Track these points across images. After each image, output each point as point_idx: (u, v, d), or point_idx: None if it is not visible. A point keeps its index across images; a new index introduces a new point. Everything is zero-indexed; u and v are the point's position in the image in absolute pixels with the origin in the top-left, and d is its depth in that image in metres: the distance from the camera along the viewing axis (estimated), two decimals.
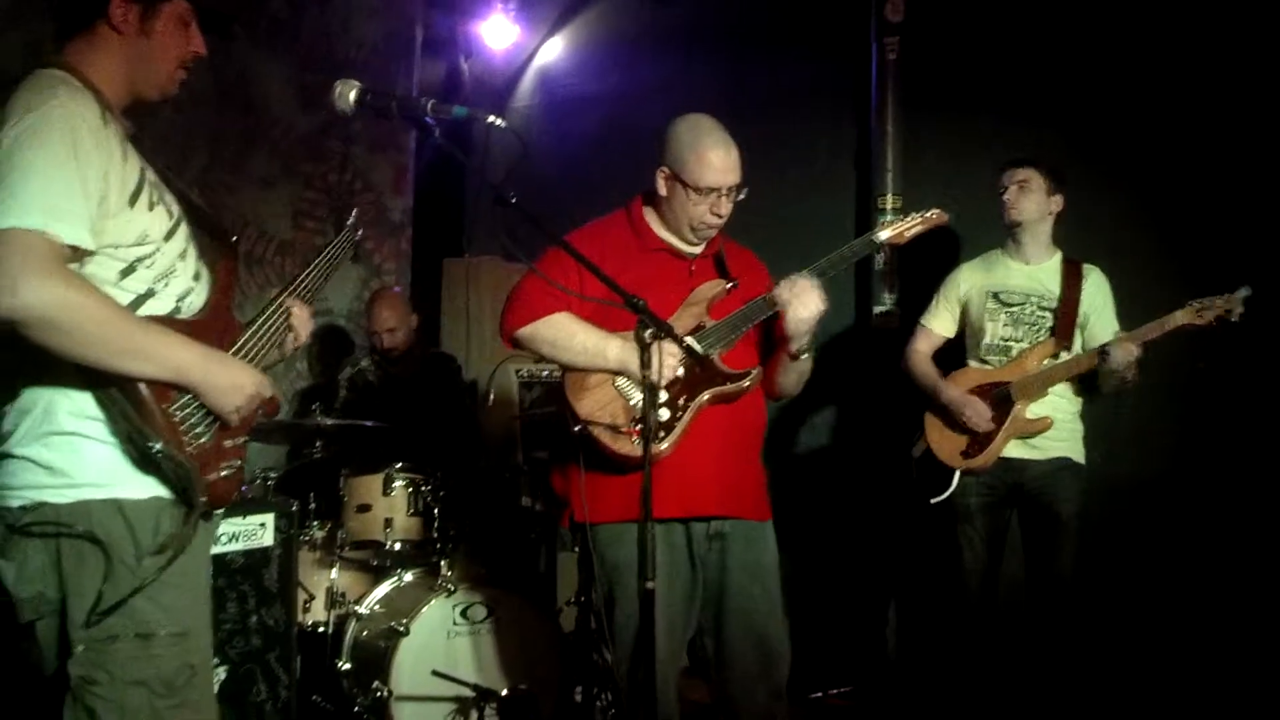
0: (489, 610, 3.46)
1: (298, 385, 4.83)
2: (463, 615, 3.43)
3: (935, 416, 3.44)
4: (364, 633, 3.53)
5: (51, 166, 1.59)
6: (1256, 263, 3.41)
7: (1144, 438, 3.70)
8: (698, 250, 2.60)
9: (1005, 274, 3.44)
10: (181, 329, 1.75)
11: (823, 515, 4.21)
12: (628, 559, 2.36)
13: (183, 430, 1.72)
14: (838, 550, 4.25)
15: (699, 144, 2.46)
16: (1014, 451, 3.30)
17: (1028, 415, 3.27)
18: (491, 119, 1.90)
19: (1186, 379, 3.56)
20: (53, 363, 1.62)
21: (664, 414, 2.40)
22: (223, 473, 1.80)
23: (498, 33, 5.36)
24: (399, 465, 3.62)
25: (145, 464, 1.69)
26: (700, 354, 2.19)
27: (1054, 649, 3.30)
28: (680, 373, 2.43)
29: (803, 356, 2.56)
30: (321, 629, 3.60)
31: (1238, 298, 3.04)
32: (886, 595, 4.19)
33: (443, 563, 3.50)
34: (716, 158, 2.45)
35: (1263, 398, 3.60)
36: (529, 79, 5.49)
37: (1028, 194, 3.35)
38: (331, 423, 3.83)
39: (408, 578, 3.64)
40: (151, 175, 1.81)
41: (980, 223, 3.58)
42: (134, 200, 1.73)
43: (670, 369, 2.40)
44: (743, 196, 2.53)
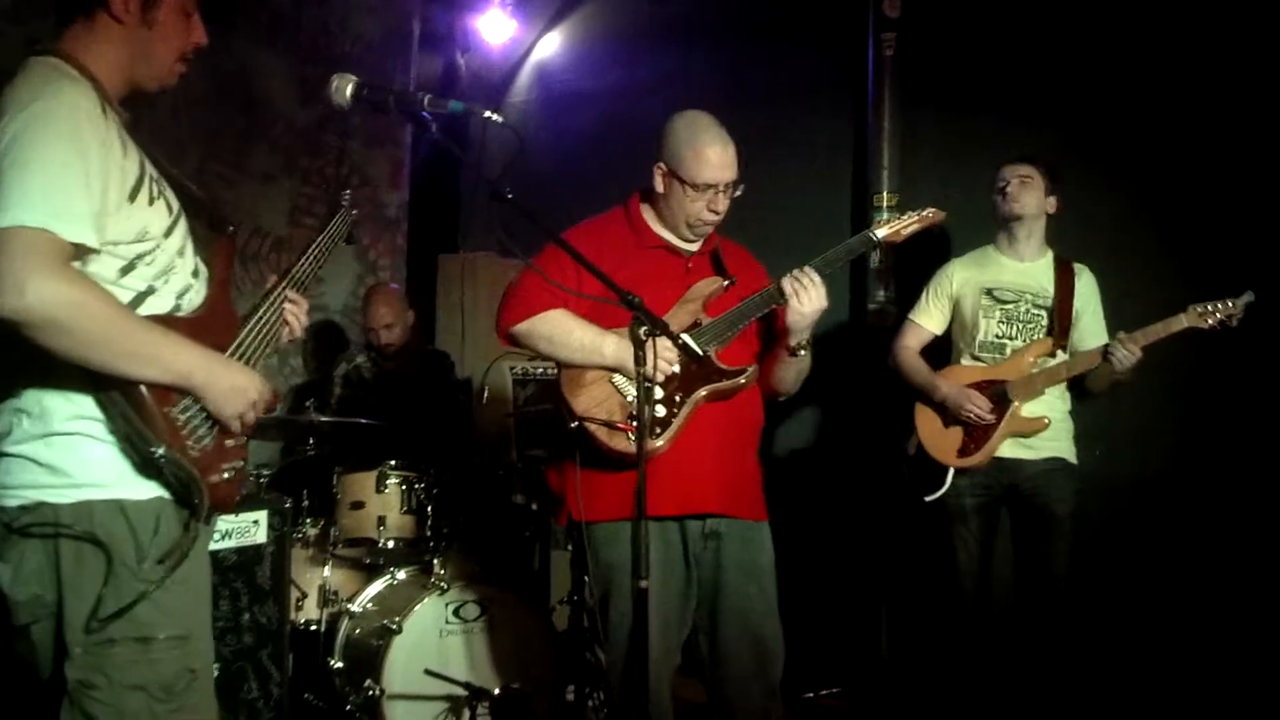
0: (482, 609, 3.44)
1: (292, 381, 4.81)
2: (455, 614, 3.41)
3: (926, 414, 3.42)
4: (356, 631, 3.51)
5: (55, 162, 1.54)
6: (1256, 263, 3.41)
7: (1143, 438, 3.70)
8: (695, 247, 2.59)
9: (998, 270, 3.42)
10: (182, 328, 1.72)
11: (815, 513, 4.19)
12: (623, 558, 2.37)
13: (184, 433, 1.69)
14: (830, 549, 4.23)
15: (696, 140, 2.46)
16: (1008, 451, 3.29)
17: (1024, 414, 3.27)
18: (488, 114, 1.89)
19: (1186, 379, 3.56)
20: (54, 363, 1.59)
21: (660, 410, 2.39)
22: (225, 475, 1.77)
23: (495, 28, 5.34)
24: (392, 463, 3.60)
25: (147, 467, 1.66)
26: (696, 351, 2.18)
27: (1049, 649, 3.29)
28: (676, 369, 2.43)
29: (801, 353, 2.55)
30: (314, 627, 3.58)
31: (1241, 303, 3.04)
32: (879, 595, 4.18)
33: (436, 561, 3.49)
34: (714, 154, 2.45)
35: (1261, 398, 3.60)
36: (526, 74, 5.47)
37: (1029, 189, 3.35)
38: (325, 420, 3.81)
39: (400, 576, 3.63)
40: (150, 168, 1.77)
41: (976, 220, 3.57)
42: (134, 195, 1.69)
43: (666, 365, 2.40)
44: (740, 193, 2.52)
